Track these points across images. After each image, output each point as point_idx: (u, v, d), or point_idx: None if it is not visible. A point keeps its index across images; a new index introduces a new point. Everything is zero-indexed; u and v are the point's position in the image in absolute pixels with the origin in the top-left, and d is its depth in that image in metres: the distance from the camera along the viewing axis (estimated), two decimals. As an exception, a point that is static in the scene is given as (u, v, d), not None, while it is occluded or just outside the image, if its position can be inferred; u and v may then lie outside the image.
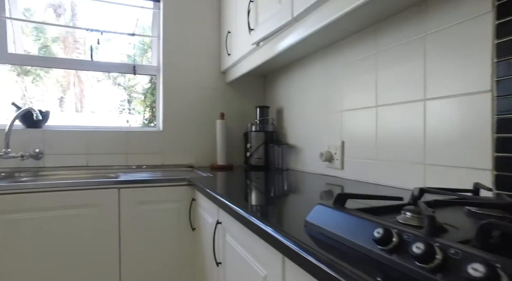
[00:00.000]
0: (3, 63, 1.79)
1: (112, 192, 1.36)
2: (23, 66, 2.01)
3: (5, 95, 1.83)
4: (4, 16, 1.72)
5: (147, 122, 2.35)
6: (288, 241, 0.56)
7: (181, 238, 1.45)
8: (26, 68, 4.79)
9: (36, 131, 1.68)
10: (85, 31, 1.96)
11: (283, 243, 0.57)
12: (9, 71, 3.85)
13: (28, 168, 1.65)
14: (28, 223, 1.25)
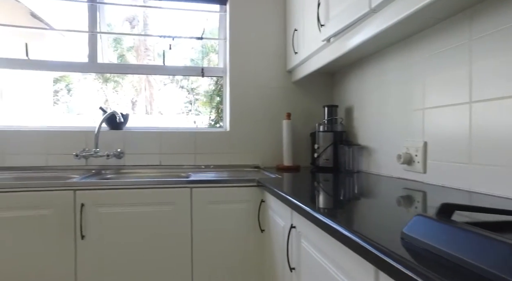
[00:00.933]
0: (95, 72, 1.99)
1: (185, 191, 1.41)
2: (104, 74, 2.21)
3: (92, 101, 2.06)
4: (96, 31, 1.92)
5: (213, 123, 2.44)
6: (385, 256, 0.50)
7: (250, 239, 1.46)
8: (106, 76, 5.30)
9: (118, 132, 1.84)
10: (155, 39, 2.09)
11: (379, 257, 0.51)
12: (93, 80, 4.29)
13: (112, 166, 1.81)
14: (115, 216, 1.36)
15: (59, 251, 1.32)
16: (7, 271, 1.29)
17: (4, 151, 1.73)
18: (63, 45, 4.02)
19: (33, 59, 1.89)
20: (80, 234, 1.33)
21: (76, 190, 1.34)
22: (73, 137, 1.79)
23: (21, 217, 1.30)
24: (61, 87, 6.44)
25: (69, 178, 1.53)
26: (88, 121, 3.81)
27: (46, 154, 1.77)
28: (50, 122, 2.77)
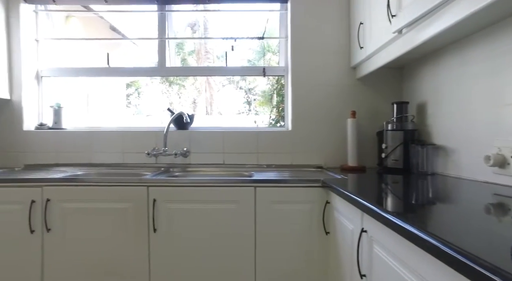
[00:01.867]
0: (164, 76, 2.13)
1: (249, 190, 1.43)
2: (169, 78, 2.34)
3: (158, 103, 2.21)
4: (165, 37, 2.05)
5: (274, 123, 2.44)
6: (496, 276, 0.43)
7: (314, 241, 1.42)
8: (170, 79, 5.59)
9: (184, 132, 1.94)
10: (214, 43, 2.16)
11: (485, 276, 0.44)
12: (159, 84, 4.57)
13: (178, 164, 1.91)
14: (182, 212, 1.43)
15: (135, 242, 1.43)
16: (90, 254, 1.44)
17: (91, 149, 1.94)
18: (136, 53, 4.38)
19: (113, 66, 2.08)
20: (153, 227, 1.43)
21: (149, 186, 1.44)
22: (145, 137, 1.94)
23: (106, 209, 1.44)
24: (132, 92, 7.02)
25: (142, 175, 1.66)
26: (156, 122, 4.09)
27: (123, 152, 1.94)
28: (125, 123, 3.04)
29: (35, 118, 2.04)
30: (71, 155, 1.94)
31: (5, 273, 1.45)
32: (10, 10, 1.94)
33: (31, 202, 1.43)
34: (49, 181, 1.45)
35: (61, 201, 1.44)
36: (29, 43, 2.00)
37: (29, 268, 1.44)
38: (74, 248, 1.44)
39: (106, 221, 1.44)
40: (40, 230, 1.44)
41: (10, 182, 1.45)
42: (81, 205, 1.44)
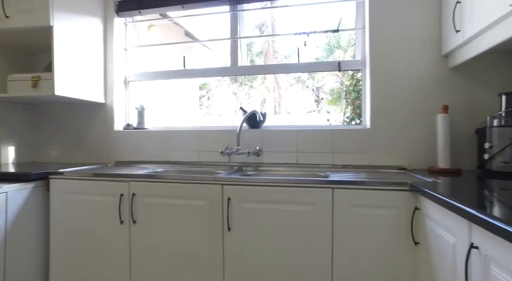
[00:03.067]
0: (237, 75, 2.15)
1: (326, 192, 1.34)
2: (238, 79, 2.36)
3: (227, 104, 2.25)
4: (237, 36, 2.08)
5: (349, 121, 2.29)
6: None
7: (400, 252, 1.26)
8: (239, 80, 5.70)
9: (257, 131, 1.92)
10: (283, 42, 2.10)
11: None
12: (228, 85, 4.68)
13: (251, 163, 1.91)
14: (256, 212, 1.40)
15: (210, 239, 1.45)
16: (169, 246, 1.50)
17: (169, 148, 2.05)
18: (208, 56, 4.59)
19: (189, 68, 2.18)
20: (227, 225, 1.43)
21: (223, 184, 1.45)
22: (218, 136, 1.98)
23: (182, 205, 1.49)
24: (203, 93, 7.37)
25: (216, 173, 1.69)
26: (227, 122, 4.19)
27: (198, 151, 2.01)
28: (199, 123, 3.18)
29: (123, 119, 2.24)
30: (152, 153, 2.08)
31: (99, 256, 1.60)
32: (106, 24, 2.17)
33: (120, 195, 1.56)
34: (134, 177, 1.56)
35: (144, 196, 1.54)
36: (119, 52, 2.21)
37: (119, 254, 1.58)
38: (155, 240, 1.52)
39: (182, 217, 1.49)
40: (127, 221, 1.56)
41: (104, 177, 1.60)
42: (161, 200, 1.52)
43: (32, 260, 1.64)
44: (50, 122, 2.28)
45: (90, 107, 2.19)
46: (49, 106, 2.28)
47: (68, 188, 1.64)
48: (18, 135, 2.20)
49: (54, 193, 1.67)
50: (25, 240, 1.59)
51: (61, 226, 1.65)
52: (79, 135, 2.21)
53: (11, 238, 1.53)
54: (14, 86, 1.93)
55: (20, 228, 1.57)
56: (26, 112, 2.26)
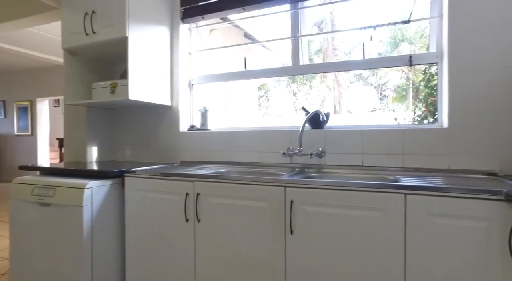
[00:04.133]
0: (299, 74, 2.10)
1: (398, 198, 1.22)
2: (296, 80, 2.29)
3: (286, 104, 2.21)
4: (298, 35, 2.03)
5: (420, 119, 2.09)
6: None
7: (491, 268, 1.10)
8: (296, 80, 5.64)
9: (319, 131, 1.85)
10: (343, 39, 1.98)
11: None
12: (285, 86, 4.63)
13: (313, 165, 1.84)
14: (320, 216, 1.35)
15: (272, 241, 1.43)
16: (231, 247, 1.52)
17: (232, 149, 2.09)
18: (267, 57, 4.60)
19: (250, 69, 2.20)
20: (290, 229, 1.40)
21: (286, 186, 1.42)
22: (279, 136, 1.95)
23: (244, 206, 1.49)
24: (262, 94, 7.38)
25: (278, 174, 1.66)
26: (287, 122, 4.14)
27: (260, 151, 2.01)
28: (260, 123, 3.20)
29: (187, 121, 2.35)
30: (215, 154, 2.14)
31: (167, 250, 1.69)
32: (173, 31, 2.30)
33: (186, 194, 1.63)
34: (198, 177, 1.62)
35: (208, 196, 1.58)
36: (184, 57, 2.32)
37: (185, 251, 1.64)
38: (218, 239, 1.55)
39: (244, 218, 1.49)
40: (192, 220, 1.62)
41: (172, 176, 1.69)
42: (223, 201, 1.55)
43: (111, 247, 1.79)
44: (125, 124, 2.49)
45: (158, 109, 2.33)
46: (124, 110, 2.49)
47: (140, 185, 1.77)
48: (100, 136, 2.45)
49: (128, 189, 1.80)
50: (106, 230, 1.75)
51: (134, 220, 1.78)
52: (149, 136, 2.38)
53: (95, 228, 1.69)
54: (97, 92, 2.14)
55: (102, 220, 1.73)
56: (106, 116, 2.50)
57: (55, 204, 1.70)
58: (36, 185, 1.76)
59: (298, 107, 3.85)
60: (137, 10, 1.99)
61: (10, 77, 7.48)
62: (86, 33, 2.02)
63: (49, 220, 1.72)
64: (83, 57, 2.28)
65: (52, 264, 1.72)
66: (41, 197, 1.72)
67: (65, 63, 2.21)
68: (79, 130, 2.40)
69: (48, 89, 6.99)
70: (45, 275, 1.75)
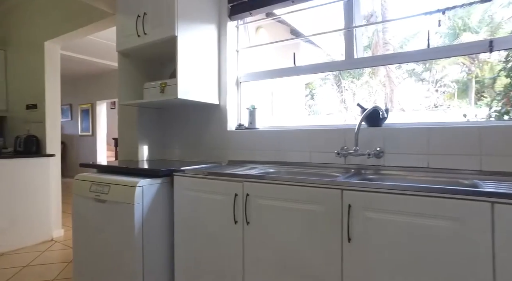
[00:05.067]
0: (353, 68, 1.94)
1: (481, 207, 1.04)
2: (342, 74, 2.12)
3: (332, 102, 2.06)
4: (352, 26, 1.88)
5: (499, 115, 1.81)
6: None
7: None
8: (344, 76, 5.39)
9: (377, 129, 1.69)
10: (395, 30, 1.77)
11: None
12: (332, 84, 4.43)
13: (369, 166, 1.68)
14: (383, 224, 1.20)
15: (326, 248, 1.32)
16: (282, 251, 1.42)
17: (280, 148, 2.00)
18: (315, 54, 4.43)
19: (299, 65, 2.09)
20: (347, 236, 1.27)
21: (343, 189, 1.29)
22: (331, 135, 1.82)
23: (296, 209, 1.40)
24: (306, 92, 7.18)
25: (332, 176, 1.54)
26: (337, 120, 3.95)
27: (310, 151, 1.90)
28: (310, 122, 3.07)
29: (235, 119, 2.31)
30: (263, 153, 2.07)
31: (215, 251, 1.65)
32: (220, 29, 2.27)
33: (235, 195, 1.57)
34: (247, 177, 1.55)
35: (257, 197, 1.51)
36: (231, 54, 2.28)
37: (233, 253, 1.59)
38: (268, 243, 1.47)
39: (296, 222, 1.39)
40: (241, 222, 1.56)
41: (220, 176, 1.64)
42: (273, 203, 1.46)
43: (161, 245, 1.80)
44: (174, 123, 2.52)
45: (206, 108, 2.33)
46: (173, 109, 2.53)
47: (188, 185, 1.75)
48: (151, 135, 2.51)
49: (177, 188, 1.80)
50: (156, 229, 1.77)
51: (183, 219, 1.78)
52: (197, 135, 2.38)
53: (146, 226, 1.71)
54: (148, 92, 2.19)
55: (152, 218, 1.74)
56: (156, 116, 2.56)
57: (109, 200, 1.75)
58: (93, 182, 1.84)
59: (348, 105, 3.65)
60: (186, 9, 1.99)
61: (75, 83, 8.17)
62: (138, 34, 2.07)
63: (104, 215, 1.78)
64: (135, 58, 2.35)
65: (108, 257, 1.78)
66: (98, 193, 1.79)
67: (119, 65, 2.29)
68: (132, 130, 2.49)
69: (106, 92, 7.52)
70: (102, 266, 1.82)
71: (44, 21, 3.44)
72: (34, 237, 3.25)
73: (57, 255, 2.96)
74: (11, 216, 3.09)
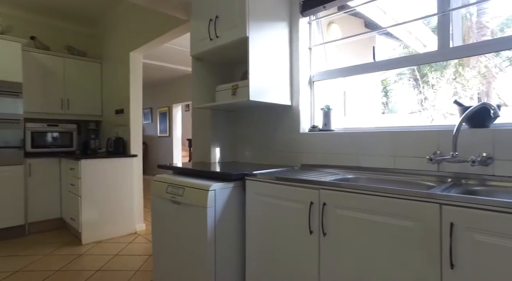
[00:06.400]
0: (449, 59, 1.65)
1: None
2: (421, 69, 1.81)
3: (408, 100, 1.76)
4: (448, 9, 1.61)
5: None
6: None
7: None
8: (423, 72, 4.79)
9: (483, 131, 1.40)
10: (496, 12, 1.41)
11: None
12: (409, 78, 3.95)
13: (470, 175, 1.41)
14: (495, 250, 0.96)
15: (421, 275, 1.12)
16: (364, 272, 1.26)
17: (358, 152, 1.82)
18: (391, 47, 4.05)
19: (379, 60, 1.88)
20: (449, 261, 1.06)
21: (442, 204, 1.08)
22: (421, 138, 1.58)
23: (382, 223, 1.22)
24: (382, 90, 6.64)
25: (425, 186, 1.32)
26: (420, 121, 3.54)
27: (394, 155, 1.68)
28: (395, 123, 2.80)
29: (308, 121, 2.18)
30: (339, 157, 1.91)
31: (287, 260, 1.56)
32: (292, 26, 2.18)
33: (310, 203, 1.46)
34: (325, 185, 1.42)
35: (335, 207, 1.37)
36: (304, 52, 2.17)
37: (307, 266, 1.48)
38: (348, 260, 1.32)
39: (381, 237, 1.22)
40: (317, 232, 1.44)
41: (294, 182, 1.54)
42: (355, 214, 1.31)
43: (233, 250, 1.78)
44: (244, 125, 2.51)
45: (277, 110, 2.25)
46: (244, 111, 2.51)
47: (260, 189, 1.69)
48: (222, 138, 2.54)
49: (249, 193, 1.76)
50: (228, 234, 1.75)
51: (255, 225, 1.72)
52: (268, 137, 2.32)
53: (218, 231, 1.70)
54: (220, 95, 2.21)
55: (224, 223, 1.73)
56: (228, 118, 2.58)
57: (184, 203, 1.78)
58: (169, 184, 1.90)
59: (434, 103, 3.24)
60: (257, 9, 1.94)
61: (154, 88, 8.93)
62: (210, 38, 2.09)
63: (179, 217, 1.83)
64: (208, 62, 2.39)
65: (183, 256, 1.82)
66: (173, 195, 1.84)
67: (193, 69, 2.36)
68: (204, 132, 2.55)
69: (181, 95, 8.04)
70: (178, 264, 1.87)
71: (129, 35, 3.78)
72: (121, 229, 3.58)
73: (140, 248, 3.20)
74: (104, 210, 3.45)
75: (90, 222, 3.33)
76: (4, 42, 3.45)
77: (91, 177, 3.34)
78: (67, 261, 2.85)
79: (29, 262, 2.83)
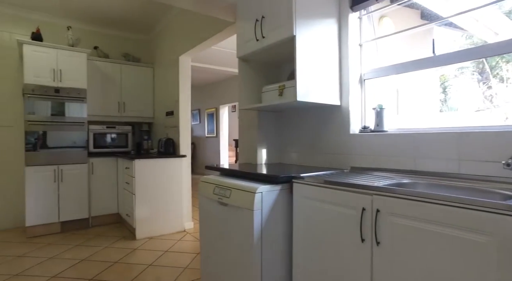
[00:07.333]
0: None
1: None
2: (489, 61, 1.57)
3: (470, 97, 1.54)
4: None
5: None
6: None
7: None
8: (491, 64, 4.30)
9: None
10: None
11: None
12: (473, 72, 3.57)
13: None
14: None
15: (498, 295, 0.98)
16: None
17: (415, 154, 1.67)
18: (451, 39, 3.70)
19: (440, 54, 1.71)
20: (533, 283, 0.91)
21: (523, 217, 0.93)
22: (495, 139, 1.40)
23: (447, 236, 1.09)
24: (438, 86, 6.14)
25: (501, 195, 1.16)
26: (487, 118, 3.19)
27: (459, 159, 1.51)
28: (460, 122, 2.57)
29: (359, 121, 2.07)
30: (392, 160, 1.77)
31: (336, 272, 1.48)
32: (341, 22, 2.08)
33: (362, 209, 1.36)
34: (379, 191, 1.32)
35: (390, 214, 1.27)
36: (354, 49, 2.05)
37: (358, 275, 1.39)
38: (405, 273, 1.21)
39: (446, 253, 1.09)
40: (369, 241, 1.34)
41: (344, 186, 1.46)
42: (413, 223, 1.19)
43: (279, 254, 1.74)
44: (291, 126, 2.45)
45: (325, 110, 2.16)
46: (291, 112, 2.46)
47: (308, 193, 1.63)
48: (269, 139, 2.51)
49: (297, 196, 1.70)
50: (274, 237, 1.71)
51: (302, 230, 1.67)
52: (316, 138, 2.24)
53: (265, 235, 1.67)
54: (266, 96, 2.18)
55: (271, 226, 1.70)
56: (274, 119, 2.55)
57: (230, 205, 1.79)
58: (216, 185, 1.92)
59: (507, 99, 2.89)
60: (304, 6, 1.87)
61: (202, 90, 9.23)
62: (257, 39, 2.07)
63: (226, 218, 1.84)
64: (254, 63, 2.38)
65: (230, 256, 1.83)
66: (220, 197, 1.86)
67: (239, 71, 2.36)
68: (251, 133, 2.54)
69: (228, 97, 8.20)
70: (225, 264, 1.88)
71: (178, 39, 3.93)
72: (171, 226, 3.74)
73: (188, 245, 3.30)
74: (156, 207, 3.62)
75: (143, 219, 3.52)
76: (74, 54, 3.87)
77: (144, 176, 3.53)
78: (124, 253, 3.05)
79: (93, 252, 3.10)
